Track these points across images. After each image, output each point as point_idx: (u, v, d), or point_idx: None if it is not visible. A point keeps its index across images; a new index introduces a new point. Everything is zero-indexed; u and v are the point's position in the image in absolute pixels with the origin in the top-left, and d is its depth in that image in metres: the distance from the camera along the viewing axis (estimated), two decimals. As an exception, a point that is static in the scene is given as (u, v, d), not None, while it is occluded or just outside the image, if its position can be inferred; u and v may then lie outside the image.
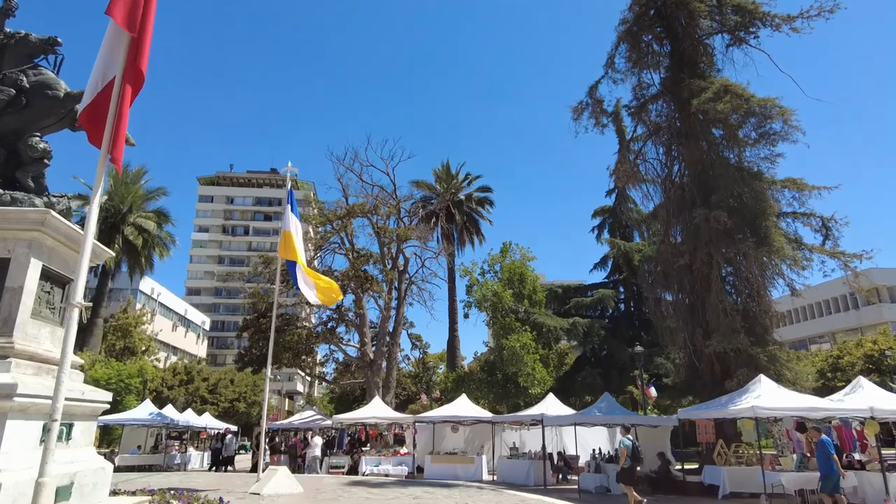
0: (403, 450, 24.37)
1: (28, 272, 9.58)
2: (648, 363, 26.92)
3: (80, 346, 36.15)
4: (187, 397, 43.64)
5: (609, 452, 19.15)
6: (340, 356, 30.18)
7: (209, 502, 11.60)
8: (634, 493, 12.89)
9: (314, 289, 15.50)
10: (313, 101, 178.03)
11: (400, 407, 36.42)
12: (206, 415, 34.04)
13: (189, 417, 29.90)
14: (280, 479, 13.84)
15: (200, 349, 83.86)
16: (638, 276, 25.25)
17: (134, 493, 12.54)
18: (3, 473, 8.12)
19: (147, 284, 64.78)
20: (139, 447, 28.60)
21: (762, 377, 15.05)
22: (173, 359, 65.88)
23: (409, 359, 34.81)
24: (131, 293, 56.13)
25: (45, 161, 10.76)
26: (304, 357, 27.57)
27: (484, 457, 22.62)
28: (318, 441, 22.78)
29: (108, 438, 29.24)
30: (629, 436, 14.01)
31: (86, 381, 31.01)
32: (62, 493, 9.33)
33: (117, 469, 24.45)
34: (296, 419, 27.71)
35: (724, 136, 18.92)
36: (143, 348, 43.10)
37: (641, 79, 22.59)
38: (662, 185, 21.62)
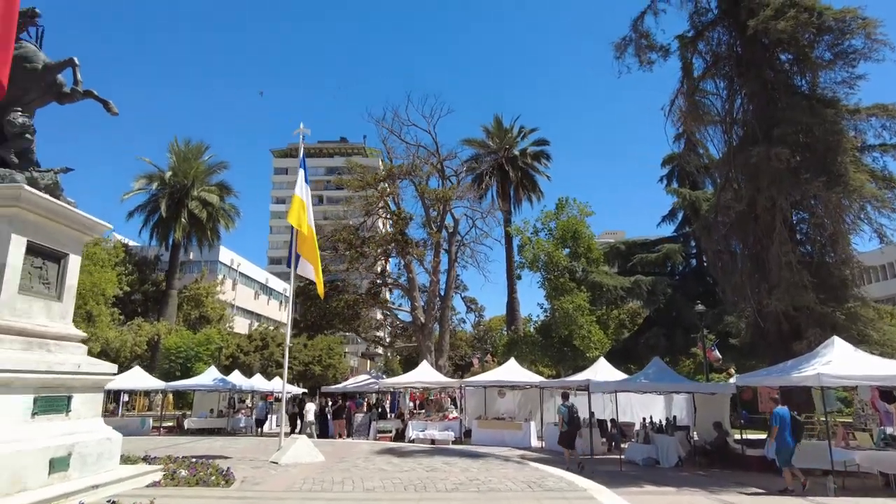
0: (452, 414, 23.97)
1: (10, 248, 9.57)
2: (717, 322, 24.60)
3: (156, 316, 38.73)
4: (262, 362, 45.80)
5: (661, 421, 17.61)
6: (393, 320, 30.02)
7: (216, 471, 11.59)
8: (572, 454, 14.64)
9: (312, 274, 15.05)
10: (379, 65, 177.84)
11: (459, 371, 36.15)
12: (277, 379, 35.46)
13: (255, 382, 31.13)
14: (299, 447, 13.69)
15: (283, 315, 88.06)
16: (696, 226, 22.81)
17: (152, 461, 12.90)
18: (-16, 447, 8.25)
19: (227, 255, 68.22)
20: (211, 411, 30.22)
21: (835, 339, 12.96)
22: (256, 325, 69.70)
23: (464, 322, 34.21)
24: (209, 265, 59.32)
25: (27, 136, 10.70)
26: (351, 322, 27.66)
27: (532, 423, 21.77)
28: (310, 407, 23.30)
29: (181, 402, 31.09)
30: (567, 402, 15.52)
31: (161, 350, 32.50)
32: (58, 463, 9.45)
33: (186, 432, 26.20)
34: (349, 383, 28.06)
35: (794, 59, 16.15)
36: (218, 317, 45.36)
37: (698, 2, 19.85)
38: (723, 124, 19.08)
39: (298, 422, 24.78)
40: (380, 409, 25.83)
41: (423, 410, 25.43)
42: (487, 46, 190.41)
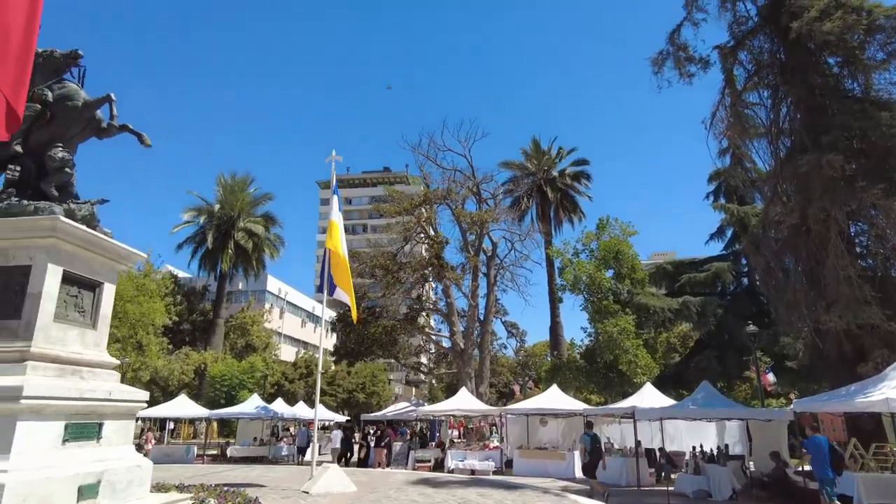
0: (493, 443, 23.25)
1: (47, 277, 9.85)
2: (773, 344, 23.09)
3: (203, 345, 39.69)
4: (307, 390, 46.16)
5: (713, 450, 16.46)
6: (433, 346, 29.67)
7: (245, 499, 11.43)
8: (598, 484, 14.03)
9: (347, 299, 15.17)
10: (419, 93, 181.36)
11: (504, 399, 35.29)
12: (320, 406, 35.53)
13: (298, 410, 31.21)
14: (331, 477, 13.42)
15: (328, 343, 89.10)
16: (744, 242, 21.65)
17: (184, 489, 12.87)
18: (11, 474, 8.29)
19: (275, 285, 69.87)
20: (255, 439, 30.44)
21: (908, 360, 11.81)
22: (303, 353, 70.60)
23: (505, 348, 33.47)
24: (258, 294, 60.83)
25: (67, 170, 11.11)
26: (390, 348, 27.48)
27: (576, 452, 20.81)
28: (336, 434, 22.86)
29: (226, 430, 31.47)
30: (591, 431, 14.90)
31: (207, 378, 33.05)
32: (87, 490, 9.44)
33: (229, 460, 26.38)
34: (389, 410, 27.74)
35: (843, 62, 15.26)
36: (263, 345, 46.12)
37: (736, 11, 19.21)
38: (769, 135, 18.18)
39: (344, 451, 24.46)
40: (420, 438, 25.38)
41: (464, 439, 24.81)
42: (522, 69, 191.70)
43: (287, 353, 63.39)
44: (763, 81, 19.07)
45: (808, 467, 15.06)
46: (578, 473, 20.03)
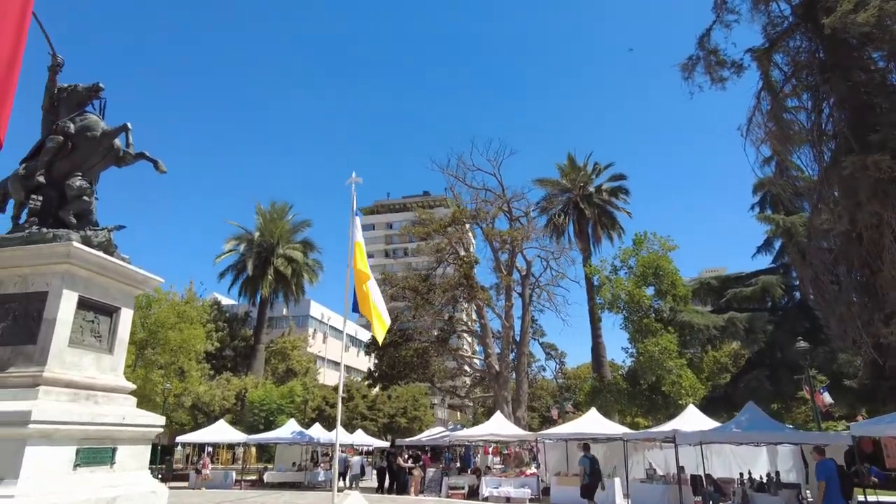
0: (530, 470, 22.32)
1: (61, 303, 9.99)
2: (830, 361, 21.41)
3: (245, 370, 40.26)
4: (348, 414, 46.02)
5: (762, 477, 15.16)
6: (468, 369, 29.07)
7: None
8: None
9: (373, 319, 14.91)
10: (453, 117, 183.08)
11: (547, 424, 34.10)
12: (359, 432, 35.26)
13: (334, 435, 31.00)
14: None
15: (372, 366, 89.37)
16: (789, 252, 20.30)
17: None
18: (18, 499, 8.28)
19: (318, 310, 70.85)
20: (294, 464, 30.38)
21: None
22: (346, 377, 70.91)
23: (544, 370, 32.44)
24: (300, 319, 61.75)
25: (85, 198, 11.39)
26: (420, 371, 27.02)
27: (617, 479, 19.73)
28: (356, 460, 22.33)
29: (265, 455, 31.56)
30: (589, 453, 15.28)
31: (246, 403, 33.19)
32: (98, 516, 9.47)
33: (265, 485, 26.35)
34: (424, 436, 27.17)
35: (888, 55, 14.22)
36: (304, 370, 46.44)
37: (770, 11, 18.35)
38: (811, 138, 17.09)
39: (386, 477, 23.86)
40: (458, 464, 24.61)
41: (501, 465, 23.93)
42: (551, 86, 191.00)
43: (331, 377, 63.75)
44: (802, 83, 18.07)
45: (882, 497, 13.70)
46: (620, 501, 18.94)
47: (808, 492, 14.84)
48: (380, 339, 15.89)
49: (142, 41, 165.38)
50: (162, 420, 11.82)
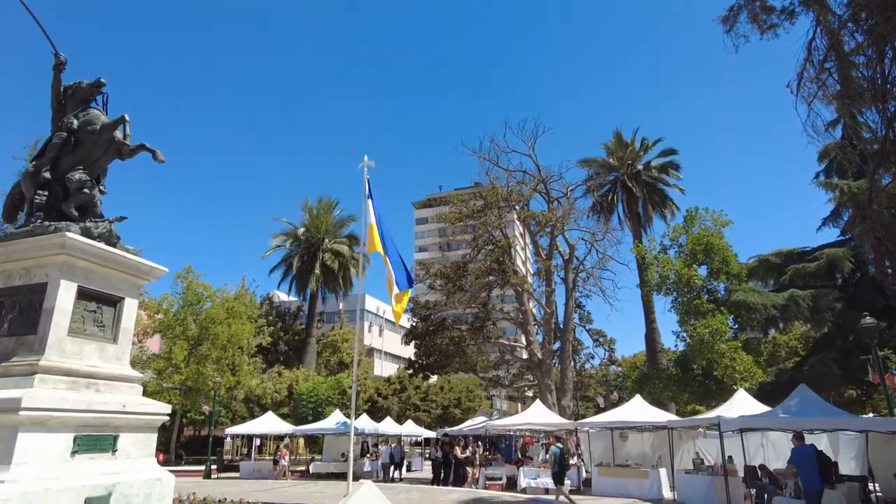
0: (573, 461, 21.35)
1: (59, 293, 10.16)
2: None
3: (297, 363, 41.11)
4: (400, 405, 46.23)
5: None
6: (511, 358, 28.24)
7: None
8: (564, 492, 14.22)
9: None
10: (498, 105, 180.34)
11: (597, 413, 32.69)
12: (409, 422, 35.25)
13: (383, 426, 31.04)
14: (363, 494, 12.64)
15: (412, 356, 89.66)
16: (852, 221, 18.19)
17: None
18: (9, 485, 8.39)
19: (373, 304, 71.86)
20: (342, 455, 30.71)
21: None
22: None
23: (592, 357, 31.07)
24: (347, 314, 62.64)
25: (85, 191, 11.56)
26: (458, 360, 26.43)
27: (663, 470, 18.50)
28: (385, 450, 21.66)
29: (314, 446, 32.07)
30: (559, 444, 15.49)
31: (295, 395, 33.81)
32: (95, 502, 9.54)
33: (311, 476, 26.67)
34: (465, 425, 26.65)
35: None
36: (357, 362, 47.02)
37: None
38: (871, 89, 15.14)
39: (442, 469, 22.35)
40: (521, 454, 23.82)
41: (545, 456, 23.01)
42: (594, 64, 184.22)
43: (388, 369, 64.40)
44: (861, 26, 16.05)
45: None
46: (667, 493, 17.76)
47: (876, 486, 13.21)
48: (395, 320, 15.70)
49: (196, 40, 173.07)
50: (167, 408, 11.83)
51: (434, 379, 57.14)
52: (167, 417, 12.11)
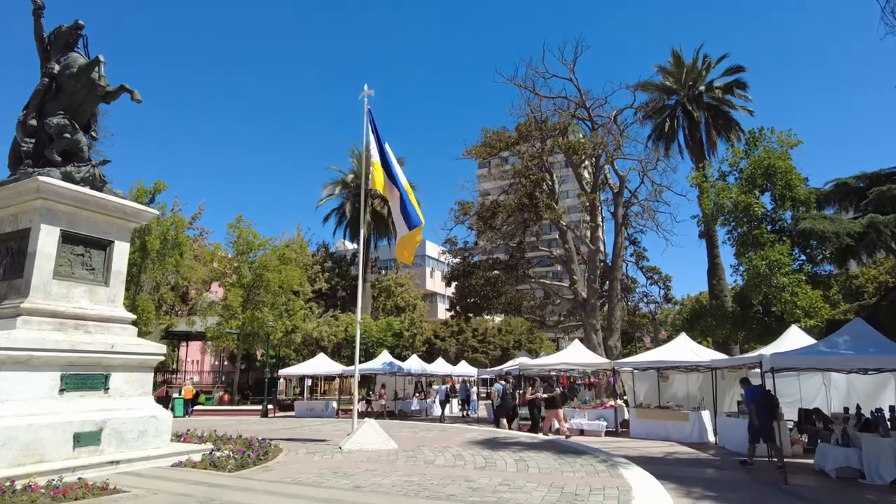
0: (610, 402, 20.46)
1: (41, 237, 10.27)
2: None
3: (355, 308, 42.06)
4: (458, 347, 46.62)
5: (873, 413, 11.90)
6: (558, 298, 27.14)
7: (265, 452, 11.27)
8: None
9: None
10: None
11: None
12: (462, 363, 35.43)
13: (434, 366, 31.28)
14: (365, 433, 12.57)
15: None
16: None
17: (217, 440, 13.03)
18: (-9, 420, 8.77)
19: (434, 249, 72.26)
20: (395, 394, 31.42)
21: None
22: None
23: (647, 296, 29.24)
24: (416, 259, 63.32)
25: (66, 135, 11.47)
26: (496, 300, 25.64)
27: (706, 412, 17.27)
28: (441, 389, 21.57)
29: (366, 387, 32.87)
30: (501, 381, 16.83)
31: (347, 338, 34.50)
32: (85, 438, 9.78)
33: (360, 414, 27.34)
34: (507, 365, 26.20)
35: None
36: (411, 306, 47.56)
37: None
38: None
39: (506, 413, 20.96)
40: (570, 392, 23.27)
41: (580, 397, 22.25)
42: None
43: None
44: None
45: None
46: (710, 437, 16.58)
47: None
48: (405, 261, 15.37)
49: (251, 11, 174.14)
50: (162, 349, 12.07)
51: (498, 320, 56.98)
52: (163, 357, 12.39)
